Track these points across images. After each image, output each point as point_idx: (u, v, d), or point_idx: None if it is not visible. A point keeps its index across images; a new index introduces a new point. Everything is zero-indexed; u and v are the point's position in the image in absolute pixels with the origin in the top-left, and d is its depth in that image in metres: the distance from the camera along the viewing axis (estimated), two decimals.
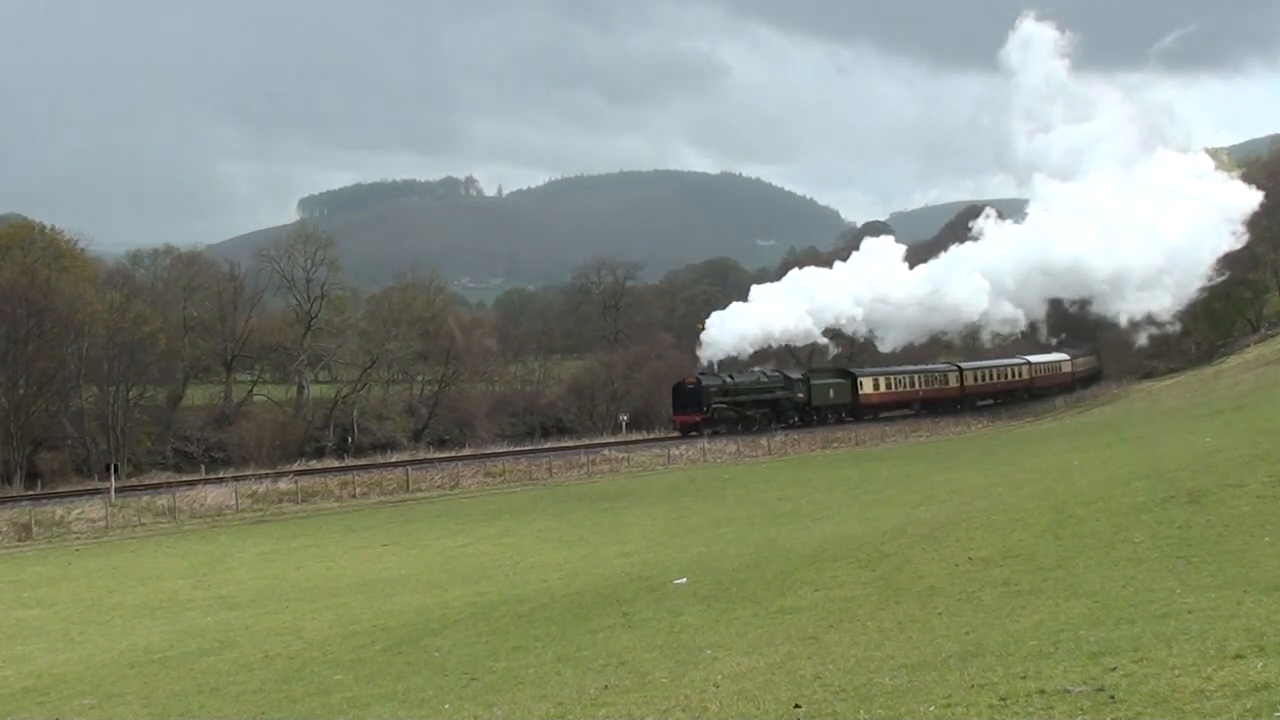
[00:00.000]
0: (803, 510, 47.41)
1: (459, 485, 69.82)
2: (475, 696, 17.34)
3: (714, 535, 41.10)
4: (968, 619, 17.93)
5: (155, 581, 41.40)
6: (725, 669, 16.64)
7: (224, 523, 58.91)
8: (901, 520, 33.07)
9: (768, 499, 55.16)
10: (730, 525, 44.47)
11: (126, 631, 31.03)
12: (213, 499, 62.22)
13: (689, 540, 40.13)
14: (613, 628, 22.35)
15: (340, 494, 66.32)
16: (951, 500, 38.68)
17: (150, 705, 20.52)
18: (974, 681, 13.07)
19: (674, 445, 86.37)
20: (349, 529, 54.22)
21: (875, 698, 13.20)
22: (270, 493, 64.71)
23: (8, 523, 55.64)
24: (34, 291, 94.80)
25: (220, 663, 24.45)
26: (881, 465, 69.58)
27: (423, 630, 25.60)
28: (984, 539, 25.30)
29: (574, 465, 77.03)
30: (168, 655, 26.22)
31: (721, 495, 58.89)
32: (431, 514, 58.43)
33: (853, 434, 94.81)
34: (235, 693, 20.91)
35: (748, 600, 23.03)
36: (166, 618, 33.19)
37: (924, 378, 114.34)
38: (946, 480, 49.94)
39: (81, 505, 59.16)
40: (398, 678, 20.23)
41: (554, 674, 18.30)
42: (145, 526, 57.64)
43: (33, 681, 24.58)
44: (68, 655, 27.98)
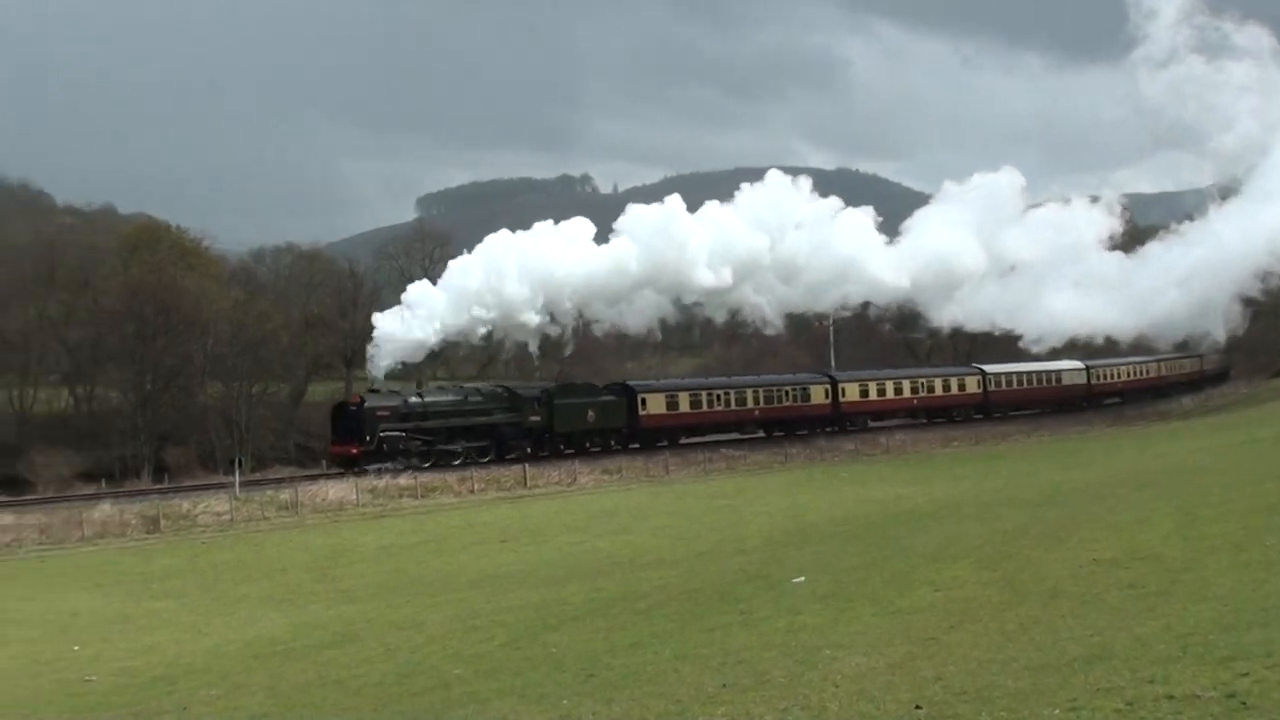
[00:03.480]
0: (921, 509, 47.08)
1: (576, 482, 69.99)
2: (593, 693, 17.36)
3: (831, 533, 40.89)
4: (1093, 621, 17.69)
5: (279, 574, 41.88)
6: (844, 669, 16.55)
7: (345, 517, 59.40)
8: (1024, 520, 32.75)
9: (885, 497, 54.86)
10: (848, 524, 44.22)
11: (251, 623, 31.41)
12: (334, 494, 62.73)
13: (806, 539, 39.95)
14: (730, 626, 22.29)
15: (459, 490, 66.58)
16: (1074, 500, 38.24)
17: (275, 696, 20.74)
18: (1100, 685, 12.92)
19: (790, 444, 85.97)
20: (467, 525, 54.50)
21: (997, 700, 13.09)
22: (390, 488, 65.11)
23: (137, 515, 56.45)
24: (161, 289, 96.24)
25: (342, 655, 24.66)
26: (1003, 463, 69.02)
27: (541, 626, 25.66)
28: (1109, 540, 24.94)
29: (691, 463, 76.97)
30: (291, 647, 26.50)
31: (839, 494, 58.64)
32: (548, 511, 58.58)
33: (973, 433, 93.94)
34: (357, 685, 21.09)
35: (867, 599, 22.88)
36: (290, 610, 33.57)
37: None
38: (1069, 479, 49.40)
39: (207, 499, 59.88)
40: (516, 673, 20.30)
41: (672, 671, 18.27)
42: (269, 520, 58.24)
43: (162, 671, 24.94)
44: (195, 646, 28.37)
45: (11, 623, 34.10)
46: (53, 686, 24.19)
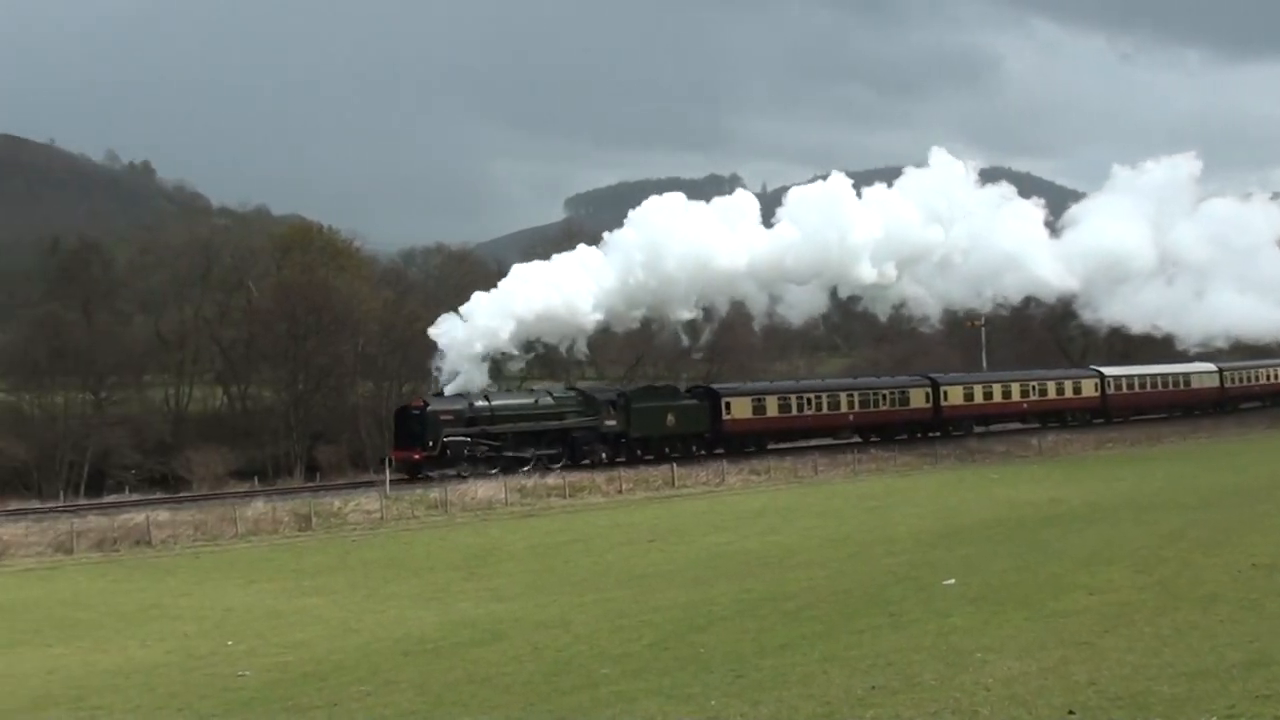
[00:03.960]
0: (1075, 512, 46.50)
1: (724, 482, 69.85)
2: (741, 694, 17.27)
3: (982, 535, 40.49)
4: (1252, 627, 17.34)
5: (428, 573, 42.19)
6: (996, 672, 16.34)
7: (494, 516, 59.67)
8: (1180, 523, 32.21)
9: (1038, 499, 54.25)
10: (1000, 526, 43.78)
11: (401, 621, 31.67)
12: (483, 493, 63.00)
13: (957, 541, 39.59)
14: (880, 628, 22.12)
15: (607, 490, 66.67)
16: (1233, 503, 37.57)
17: (424, 694, 20.85)
18: (1259, 692, 12.65)
19: (940, 444, 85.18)
20: (615, 525, 54.59)
21: (1153, 706, 12.86)
22: (538, 487, 65.28)
23: (289, 513, 57.13)
24: (312, 289, 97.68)
25: (491, 653, 24.75)
26: (1158, 465, 68.02)
27: (689, 626, 25.61)
28: (1268, 545, 24.47)
29: (840, 464, 76.58)
30: (440, 645, 26.66)
31: (990, 495, 58.07)
32: (696, 511, 58.53)
33: (1126, 434, 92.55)
34: (505, 683, 21.14)
35: (1018, 603, 22.60)
36: (439, 608, 33.81)
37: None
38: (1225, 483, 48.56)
39: (358, 497, 60.44)
40: (664, 673, 20.25)
41: (820, 673, 18.14)
42: (418, 519, 58.65)
43: (312, 668, 25.19)
44: (345, 642, 28.64)
45: (168, 618, 34.69)
46: (207, 681, 24.53)
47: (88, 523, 53.18)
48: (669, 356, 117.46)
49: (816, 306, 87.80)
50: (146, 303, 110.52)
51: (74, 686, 25.06)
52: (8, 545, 50.22)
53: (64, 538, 51.21)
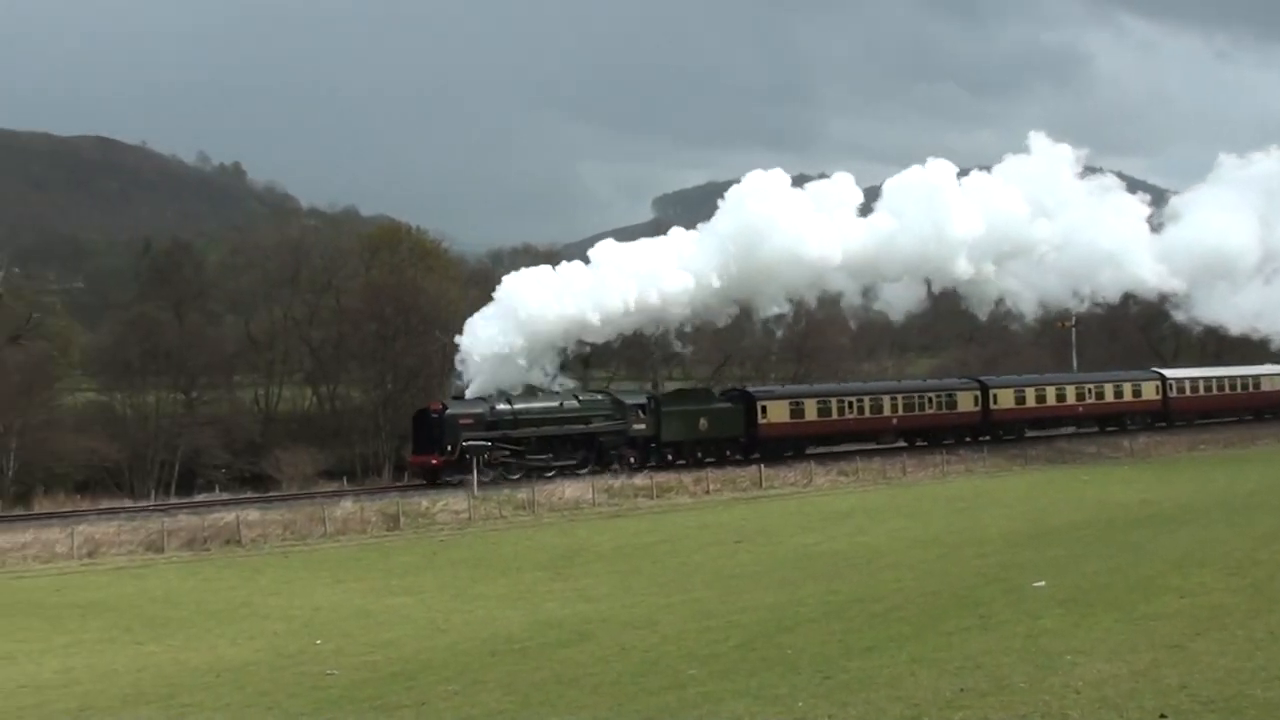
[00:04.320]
0: (1167, 513, 46.07)
1: (811, 483, 69.69)
2: (829, 695, 17.20)
3: (1073, 538, 40.14)
4: None
5: (515, 573, 42.29)
6: (1086, 675, 16.20)
7: (581, 516, 59.76)
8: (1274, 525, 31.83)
9: (1129, 500, 53.76)
10: (1090, 528, 43.43)
11: (489, 621, 31.76)
12: (570, 493, 63.11)
13: (1047, 542, 39.27)
14: (968, 629, 21.97)
15: (694, 490, 66.62)
16: None
17: (512, 693, 20.88)
18: None
19: (1030, 445, 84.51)
20: (702, 525, 54.54)
21: (1246, 710, 12.71)
22: (625, 488, 65.32)
23: (377, 513, 57.42)
24: (401, 290, 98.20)
25: (578, 654, 24.76)
26: (1252, 467, 67.25)
27: (776, 627, 25.54)
28: None
29: (928, 465, 76.14)
30: (528, 645, 26.69)
31: (1080, 496, 57.61)
32: (784, 511, 58.41)
33: (1220, 436, 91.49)
34: (593, 683, 21.14)
35: (1109, 605, 22.39)
36: (526, 608, 33.88)
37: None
38: None
39: (446, 497, 60.66)
40: (751, 674, 20.19)
41: (909, 675, 18.03)
42: (505, 519, 58.81)
43: (400, 667, 25.28)
44: (433, 642, 28.74)
45: (257, 616, 34.95)
46: (295, 680, 24.67)
47: (179, 522, 53.69)
48: (755, 357, 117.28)
49: (912, 303, 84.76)
50: (237, 303, 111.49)
51: (165, 684, 25.27)
52: (100, 544, 50.78)
53: (155, 536, 51.72)
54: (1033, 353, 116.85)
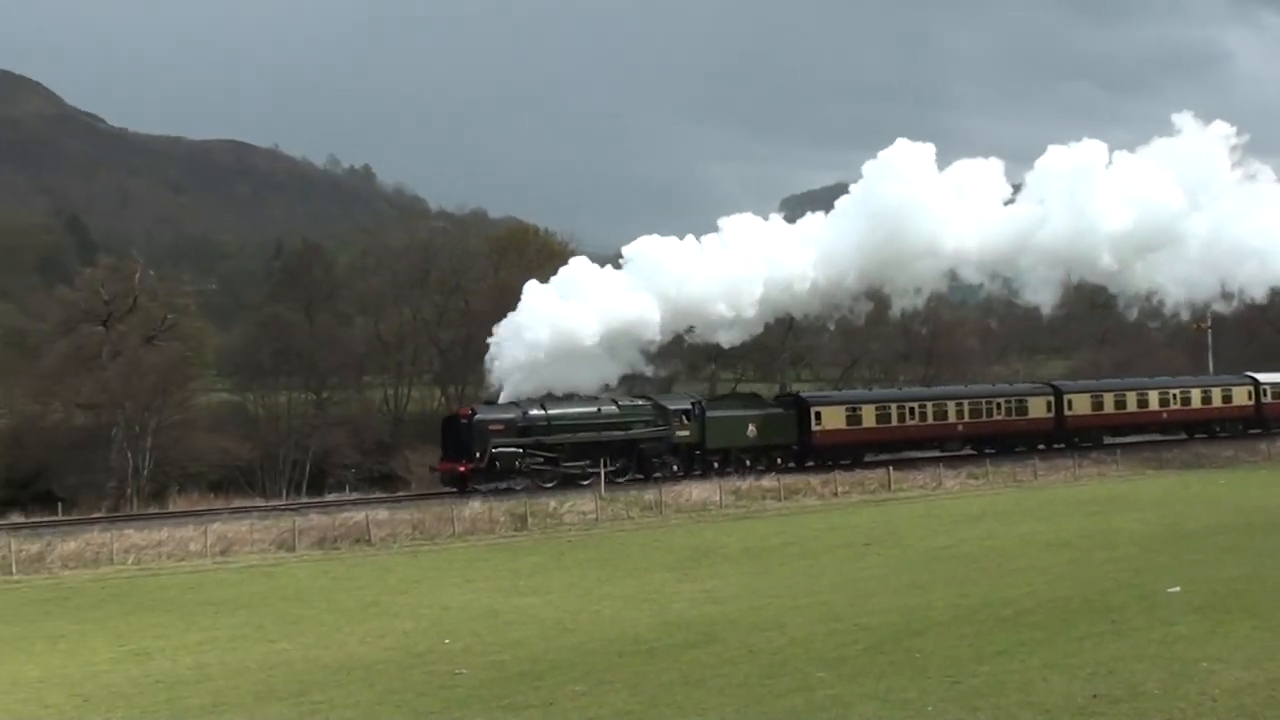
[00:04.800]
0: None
1: (941, 486, 69.16)
2: (958, 700, 17.06)
3: (1209, 543, 39.57)
4: None
5: (642, 574, 42.27)
6: (1222, 683, 15.93)
7: (708, 518, 59.68)
8: None
9: (1269, 505, 52.89)
10: (1226, 533, 42.76)
11: (616, 621, 31.76)
12: (697, 494, 63.02)
13: (1182, 547, 38.72)
14: (1101, 635, 21.70)
15: (822, 492, 66.32)
16: None
17: (638, 694, 20.89)
18: None
19: (1165, 449, 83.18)
20: (830, 527, 54.29)
21: None
22: (753, 489, 65.16)
23: (505, 513, 57.66)
24: None
25: (705, 655, 24.73)
26: None
27: (904, 630, 25.38)
28: None
29: (1059, 468, 75.20)
30: (655, 646, 26.69)
31: (1216, 502, 56.71)
32: (912, 514, 57.99)
33: None
34: (719, 685, 21.11)
35: (1246, 612, 22.03)
36: (653, 609, 33.85)
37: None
38: None
39: (573, 498, 60.81)
40: (879, 677, 20.08)
41: (1040, 680, 17.85)
42: (633, 520, 58.85)
43: (528, 666, 25.36)
44: (561, 642, 28.79)
45: (387, 615, 35.20)
46: (425, 679, 24.82)
47: (309, 521, 54.24)
48: (885, 359, 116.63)
49: (1053, 298, 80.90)
50: (366, 304, 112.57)
51: (295, 681, 25.52)
52: (232, 542, 51.41)
53: (286, 535, 52.29)
54: (1167, 355, 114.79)
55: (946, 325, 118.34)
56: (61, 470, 78.16)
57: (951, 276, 78.41)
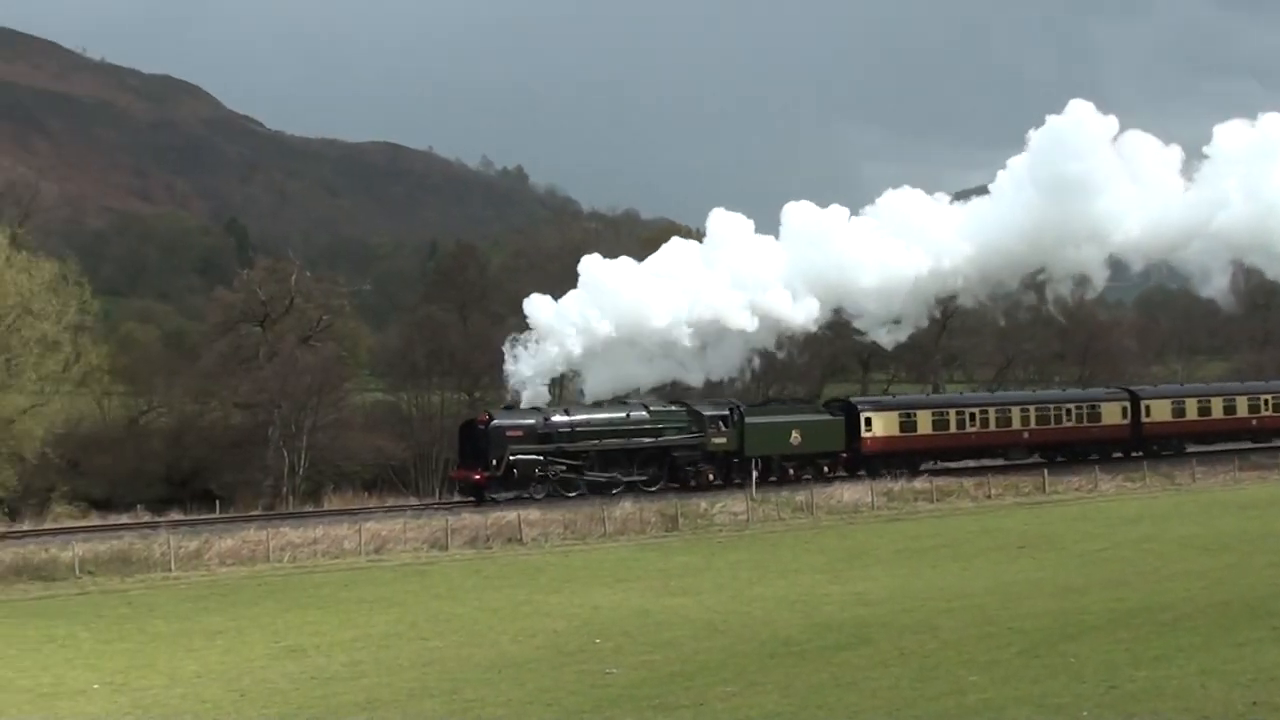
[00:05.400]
0: None
1: (1096, 488, 68.18)
2: (1114, 705, 16.83)
3: None
4: None
5: (793, 575, 42.14)
6: None
7: (859, 520, 59.38)
8: None
9: None
10: None
11: (766, 623, 31.68)
12: (849, 496, 62.71)
13: None
14: (1262, 641, 21.32)
15: (975, 494, 65.69)
16: None
17: (789, 696, 20.84)
18: None
19: None
20: (983, 530, 53.81)
21: None
22: (905, 491, 64.72)
23: (656, 514, 57.74)
24: None
25: (856, 657, 24.62)
26: None
27: (1059, 635, 25.11)
28: None
29: (1218, 471, 73.69)
30: (805, 648, 26.62)
31: None
32: (1067, 517, 57.30)
33: None
34: (871, 688, 21.00)
35: None
36: (803, 611, 33.73)
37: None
38: None
39: (724, 499, 60.75)
40: (1033, 681, 19.88)
41: (1198, 687, 17.56)
42: (783, 521, 58.72)
43: (679, 667, 25.39)
44: (711, 643, 28.79)
45: (538, 614, 35.37)
46: (576, 678, 24.93)
47: (462, 520, 54.64)
48: (1039, 360, 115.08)
49: (1225, 289, 76.25)
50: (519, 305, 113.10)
51: (448, 679, 25.73)
52: (386, 540, 51.94)
53: (439, 534, 52.75)
54: None
55: (1103, 325, 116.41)
56: (219, 469, 79.40)
57: (1113, 264, 74.79)
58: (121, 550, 47.89)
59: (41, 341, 69.45)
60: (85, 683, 27.31)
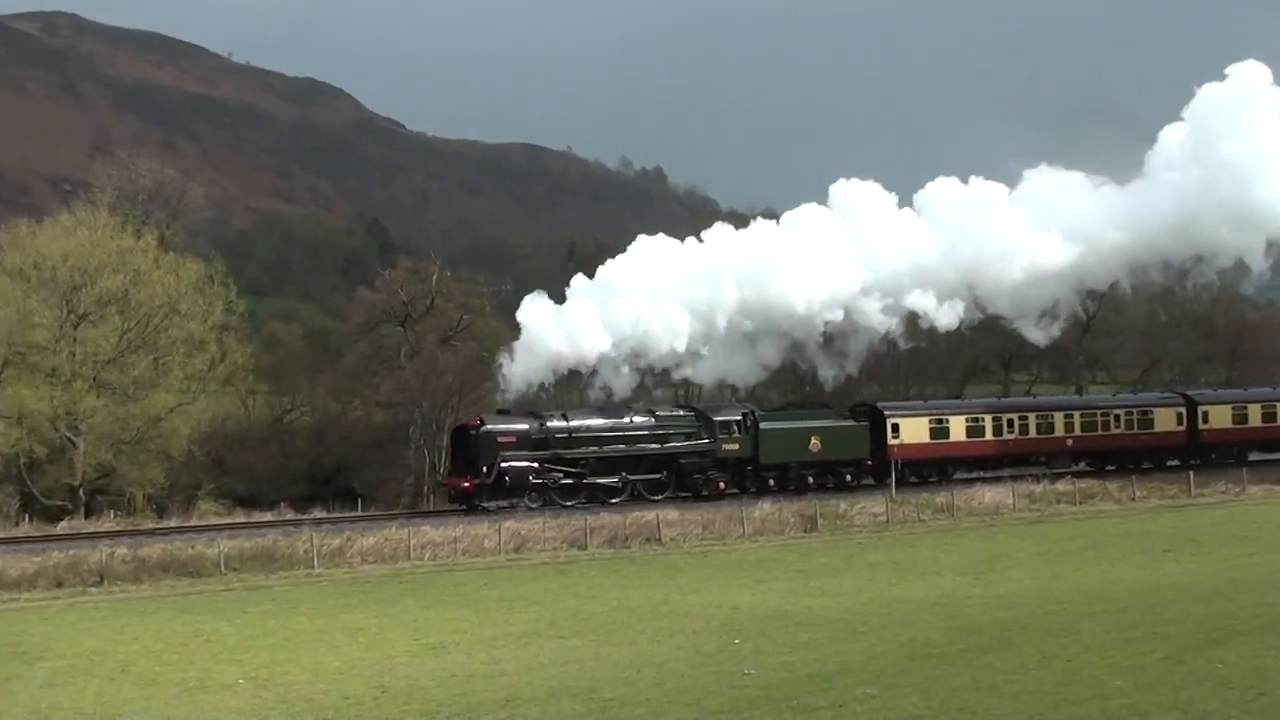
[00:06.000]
0: None
1: (1245, 491, 66.97)
2: (1264, 713, 16.56)
3: None
4: None
5: (934, 577, 41.84)
6: None
7: (1001, 522, 58.91)
8: None
9: None
10: None
11: (906, 625, 31.45)
12: (990, 497, 62.24)
13: None
14: None
15: (1118, 497, 64.88)
16: None
17: (929, 698, 20.69)
18: None
19: None
20: (1127, 533, 53.12)
21: None
22: (1047, 493, 64.12)
23: (795, 514, 57.67)
24: None
25: (997, 661, 24.40)
26: None
27: (1206, 640, 24.73)
28: None
29: None
30: (946, 650, 26.40)
31: None
32: (1215, 520, 56.42)
33: None
34: (1012, 691, 20.80)
35: None
36: (944, 613, 33.45)
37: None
38: None
39: (863, 500, 60.54)
40: (1179, 688, 19.59)
41: None
42: (923, 523, 58.43)
43: (817, 669, 25.28)
44: (850, 645, 28.63)
45: (676, 614, 35.36)
46: (714, 678, 24.90)
47: (600, 519, 54.88)
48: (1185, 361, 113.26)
49: None
50: None
51: (587, 678, 25.81)
52: (526, 539, 52.28)
53: (578, 533, 53.00)
54: None
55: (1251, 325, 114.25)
56: (361, 467, 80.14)
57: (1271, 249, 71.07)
58: (266, 547, 48.65)
59: (188, 341, 70.85)
60: (230, 678, 27.72)
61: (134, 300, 69.01)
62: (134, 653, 31.43)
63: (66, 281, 67.30)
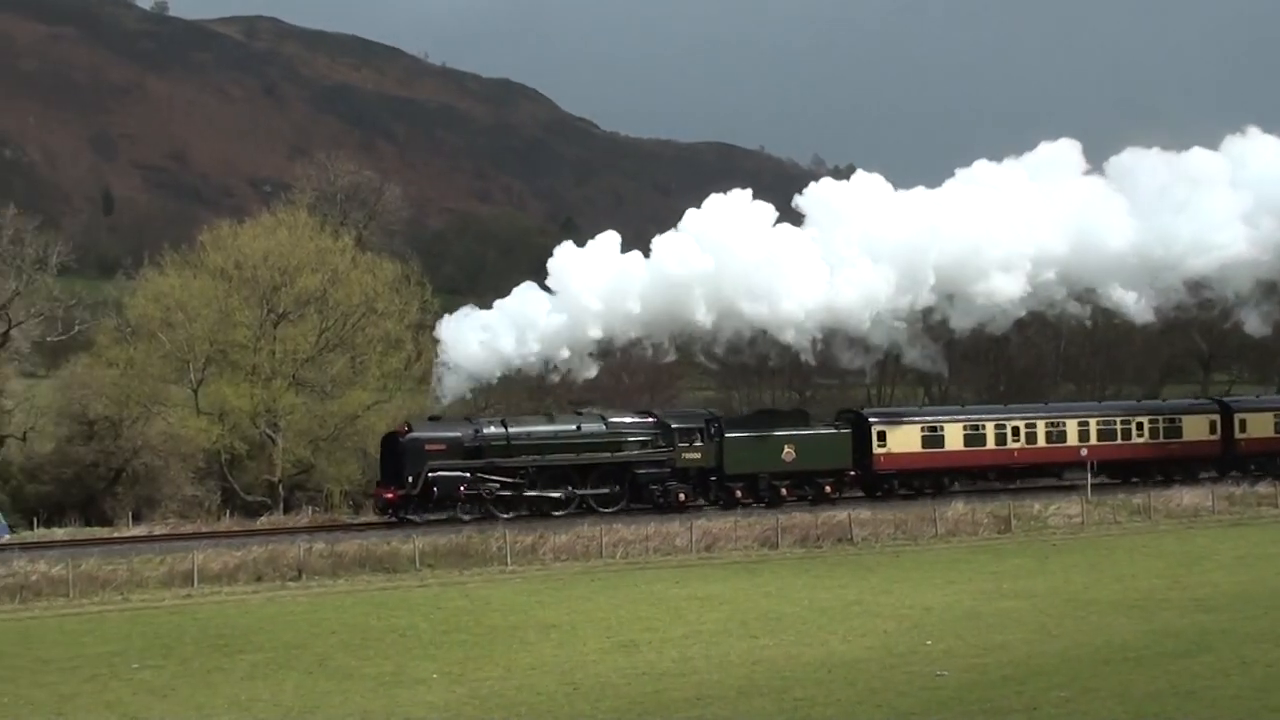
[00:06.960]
0: None
1: None
2: None
3: None
4: None
5: (1130, 580, 41.29)
6: None
7: (1199, 524, 57.93)
8: None
9: None
10: None
11: (1101, 628, 31.13)
12: (1189, 499, 61.23)
13: None
14: None
15: None
16: None
17: (1124, 703, 20.49)
18: None
19: None
20: None
21: None
22: (1247, 496, 62.89)
23: (988, 515, 57.18)
24: None
25: (1196, 665, 24.08)
26: None
27: None
28: None
29: None
30: (1142, 654, 26.11)
31: None
32: None
33: None
34: (1211, 697, 20.54)
35: None
36: (1140, 616, 33.05)
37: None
38: None
39: (1059, 501, 59.85)
40: None
41: None
42: (1120, 524, 57.66)
43: (1010, 670, 25.15)
44: (1044, 647, 28.44)
45: (868, 614, 35.30)
46: (906, 679, 24.86)
47: (793, 519, 54.80)
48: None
49: None
50: None
51: (778, 677, 25.89)
52: (717, 538, 52.39)
53: (769, 533, 53.01)
54: None
55: None
56: None
57: None
58: (460, 544, 49.23)
59: (384, 339, 71.85)
60: (425, 672, 28.19)
61: (332, 299, 70.14)
62: (331, 646, 32.09)
63: (267, 281, 68.58)
